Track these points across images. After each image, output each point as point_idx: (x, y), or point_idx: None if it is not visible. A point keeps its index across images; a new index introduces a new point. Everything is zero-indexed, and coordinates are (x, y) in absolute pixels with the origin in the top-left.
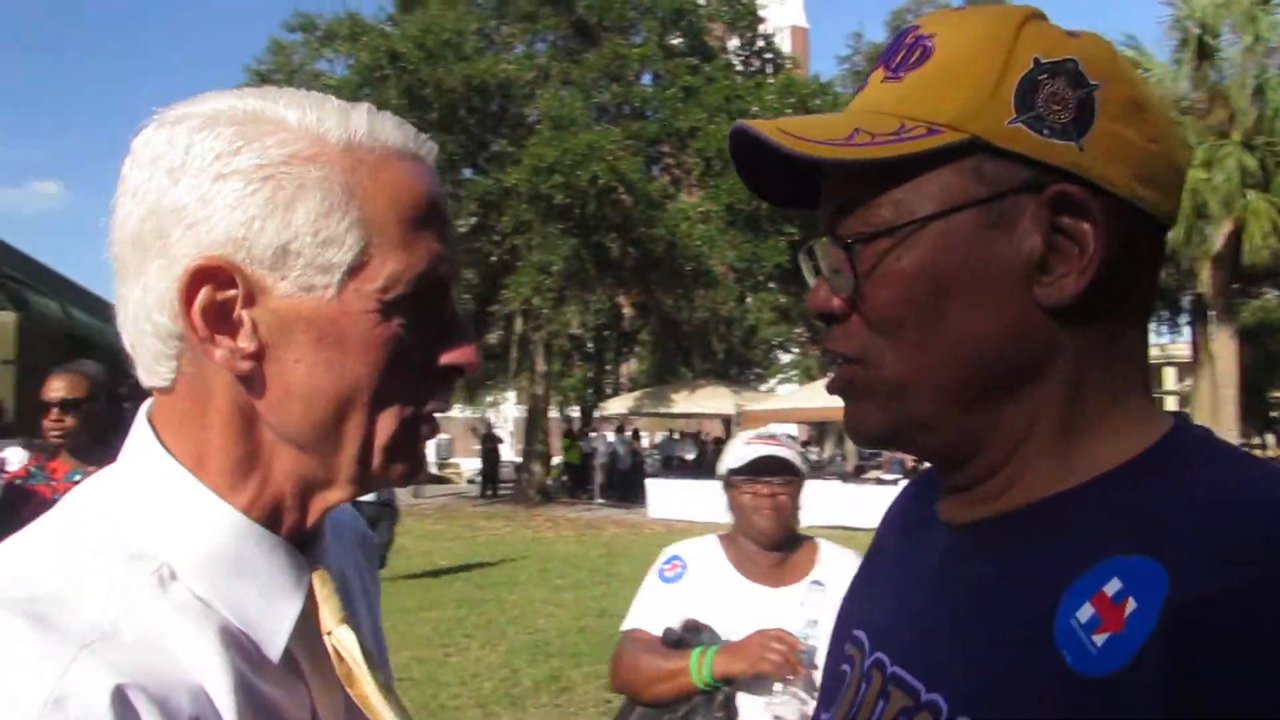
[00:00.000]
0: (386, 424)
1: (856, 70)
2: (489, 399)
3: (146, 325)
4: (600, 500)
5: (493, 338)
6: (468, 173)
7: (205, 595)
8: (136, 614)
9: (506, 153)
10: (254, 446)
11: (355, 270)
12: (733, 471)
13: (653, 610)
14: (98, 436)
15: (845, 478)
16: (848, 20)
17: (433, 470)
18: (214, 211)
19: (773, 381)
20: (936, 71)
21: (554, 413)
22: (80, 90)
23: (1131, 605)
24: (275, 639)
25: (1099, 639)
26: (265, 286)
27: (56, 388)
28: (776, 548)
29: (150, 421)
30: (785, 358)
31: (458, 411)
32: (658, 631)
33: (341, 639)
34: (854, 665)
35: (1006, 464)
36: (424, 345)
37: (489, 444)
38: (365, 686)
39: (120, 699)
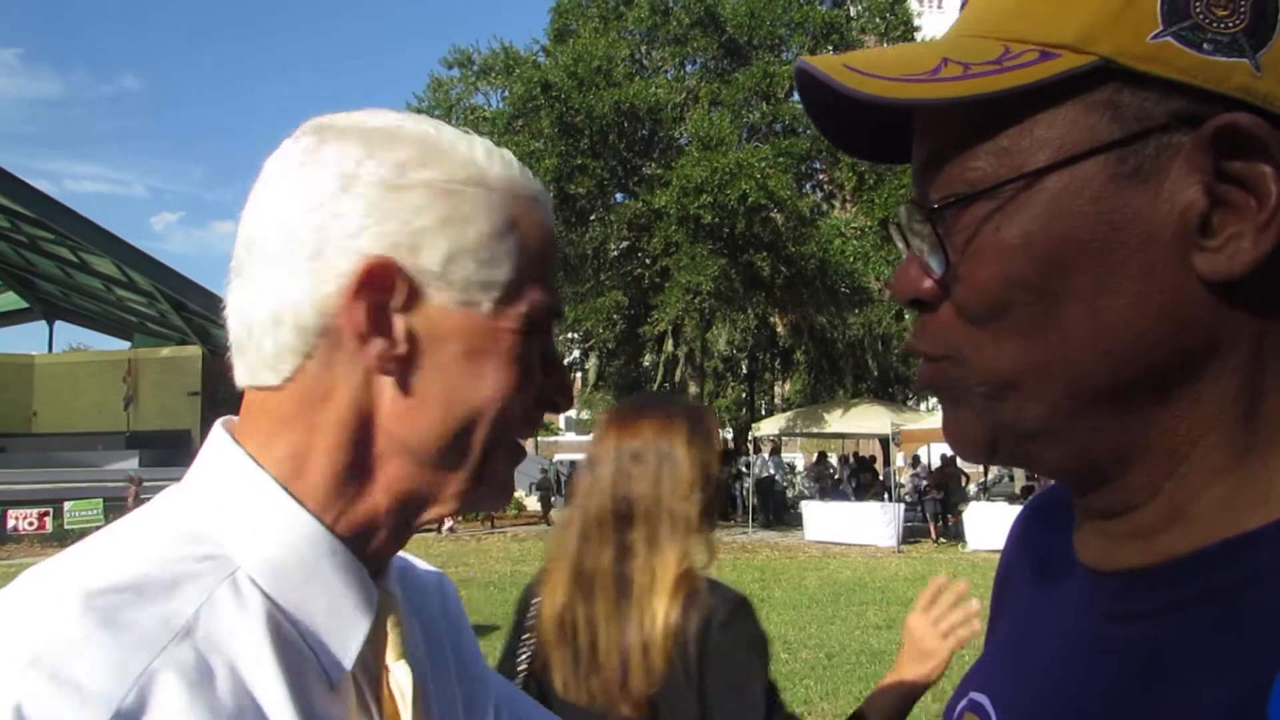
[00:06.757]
0: (503, 441)
1: None
2: None
3: (286, 318)
4: (755, 522)
5: (645, 360)
6: (619, 197)
7: (280, 602)
8: (212, 613)
9: (656, 175)
10: (362, 455)
11: (508, 291)
12: None
13: None
14: None
15: (1012, 499)
16: None
17: None
18: (387, 219)
19: (933, 400)
20: None
21: None
22: (257, 147)
23: None
24: (343, 658)
25: None
26: (424, 295)
27: None
28: None
29: (229, 429)
30: None
31: None
32: None
33: (398, 676)
34: None
35: (1162, 490)
36: (536, 375)
37: None
38: None
39: (189, 708)
